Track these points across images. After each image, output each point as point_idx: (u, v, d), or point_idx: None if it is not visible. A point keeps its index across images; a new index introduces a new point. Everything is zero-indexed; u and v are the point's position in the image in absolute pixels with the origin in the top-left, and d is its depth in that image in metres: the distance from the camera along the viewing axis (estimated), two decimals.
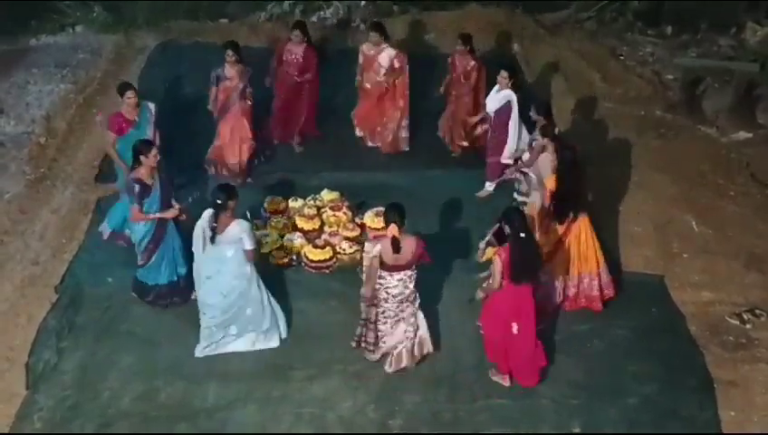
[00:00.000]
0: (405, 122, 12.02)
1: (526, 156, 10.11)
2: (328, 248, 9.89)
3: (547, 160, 9.20)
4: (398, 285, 8.14)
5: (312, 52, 11.75)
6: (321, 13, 16.13)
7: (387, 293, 8.19)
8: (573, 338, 9.00)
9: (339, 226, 10.29)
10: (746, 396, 8.45)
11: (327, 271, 9.79)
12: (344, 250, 9.97)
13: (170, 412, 8.16)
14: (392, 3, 16.31)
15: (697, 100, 13.77)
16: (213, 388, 8.40)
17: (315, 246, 9.89)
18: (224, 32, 15.31)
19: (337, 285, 9.59)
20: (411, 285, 8.21)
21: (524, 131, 10.70)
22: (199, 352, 8.73)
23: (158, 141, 9.54)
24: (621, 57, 15.12)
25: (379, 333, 8.43)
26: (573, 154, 8.97)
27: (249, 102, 11.08)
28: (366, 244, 8.31)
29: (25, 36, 15.47)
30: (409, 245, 7.97)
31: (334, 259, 9.90)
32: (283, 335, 8.91)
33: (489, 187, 11.24)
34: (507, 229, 7.95)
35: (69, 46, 15.22)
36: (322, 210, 10.53)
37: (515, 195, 10.39)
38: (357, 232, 10.22)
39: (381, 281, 8.15)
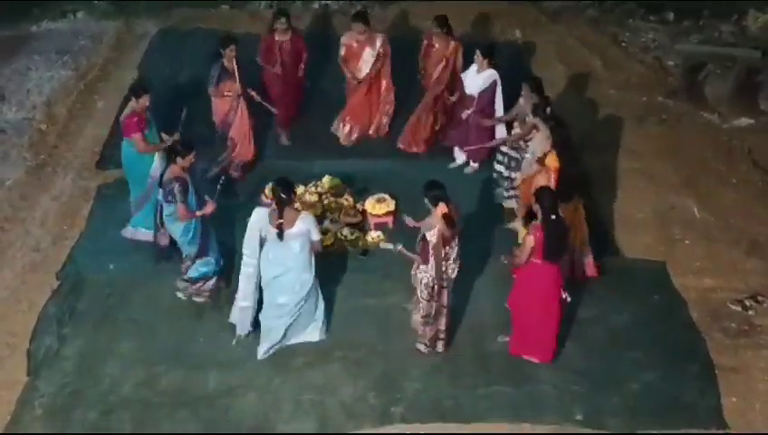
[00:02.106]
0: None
1: (516, 131, 10.05)
2: (329, 235, 9.88)
3: (542, 138, 9.14)
4: (455, 248, 8.13)
5: (300, 37, 11.63)
6: (323, 1, 16.09)
7: (447, 265, 8.13)
8: (575, 325, 8.97)
9: (340, 212, 10.27)
10: (748, 383, 8.45)
11: (328, 257, 9.76)
12: (345, 236, 9.96)
13: (171, 399, 8.17)
14: None
15: (699, 86, 13.72)
16: (214, 374, 8.40)
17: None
18: (224, 18, 15.30)
19: (338, 272, 9.58)
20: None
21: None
22: (261, 355, 8.56)
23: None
24: (623, 44, 15.05)
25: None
26: (566, 132, 9.06)
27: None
28: (426, 234, 7.95)
29: (26, 22, 15.42)
30: (456, 212, 7.98)
31: (336, 246, 9.89)
32: (322, 336, 8.85)
33: (474, 165, 11.31)
34: (538, 210, 8.00)
35: (70, 32, 15.17)
36: (324, 197, 10.51)
37: (503, 195, 10.50)
38: (358, 218, 10.21)
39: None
